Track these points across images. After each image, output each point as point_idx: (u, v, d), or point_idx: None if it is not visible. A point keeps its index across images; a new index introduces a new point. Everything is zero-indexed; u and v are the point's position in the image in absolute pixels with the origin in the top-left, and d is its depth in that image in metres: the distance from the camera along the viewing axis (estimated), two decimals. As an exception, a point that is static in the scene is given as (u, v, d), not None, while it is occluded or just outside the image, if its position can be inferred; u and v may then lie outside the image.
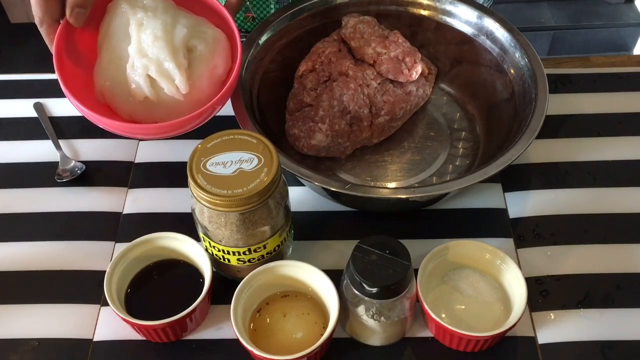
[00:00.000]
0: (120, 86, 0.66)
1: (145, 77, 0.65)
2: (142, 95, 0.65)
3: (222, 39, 0.69)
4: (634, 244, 0.69)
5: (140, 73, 0.64)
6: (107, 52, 0.66)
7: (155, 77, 0.64)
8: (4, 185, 0.76)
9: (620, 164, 0.77)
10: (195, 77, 0.66)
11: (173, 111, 0.65)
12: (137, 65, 0.65)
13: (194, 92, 0.66)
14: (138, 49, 0.64)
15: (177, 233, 0.65)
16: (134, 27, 0.65)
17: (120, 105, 0.67)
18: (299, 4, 0.81)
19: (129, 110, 0.66)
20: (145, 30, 0.64)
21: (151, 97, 0.65)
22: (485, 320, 0.62)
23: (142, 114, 0.66)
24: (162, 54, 0.64)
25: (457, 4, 0.80)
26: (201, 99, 0.65)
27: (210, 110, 0.65)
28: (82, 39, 0.69)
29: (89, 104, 0.64)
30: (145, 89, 0.65)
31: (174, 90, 0.65)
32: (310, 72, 0.78)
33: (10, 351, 0.63)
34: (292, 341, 0.60)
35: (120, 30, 0.66)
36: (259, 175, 0.57)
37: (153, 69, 0.64)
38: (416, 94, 0.79)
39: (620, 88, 0.84)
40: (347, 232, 0.71)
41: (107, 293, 0.61)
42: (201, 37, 0.67)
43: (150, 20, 0.65)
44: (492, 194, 0.74)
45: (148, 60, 0.64)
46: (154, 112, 0.66)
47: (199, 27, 0.68)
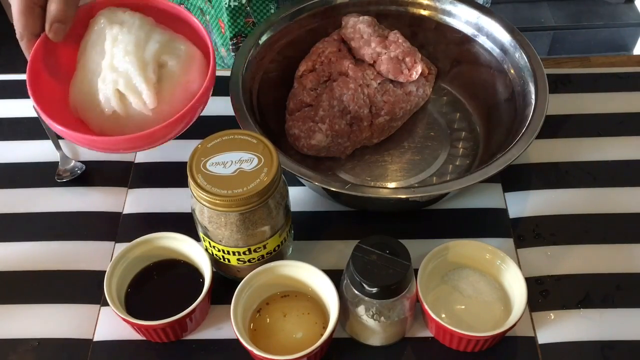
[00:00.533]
0: (91, 100, 0.66)
1: (115, 91, 0.65)
2: (111, 109, 0.66)
3: (196, 55, 0.69)
4: (634, 244, 0.69)
5: (110, 87, 0.65)
6: (83, 66, 0.67)
7: (124, 91, 0.65)
8: (4, 185, 0.76)
9: (620, 164, 0.77)
10: (165, 92, 0.66)
11: (143, 126, 0.65)
12: (108, 79, 0.65)
13: (165, 108, 0.66)
14: (110, 64, 0.65)
15: (177, 233, 0.65)
16: (109, 41, 0.66)
17: (91, 119, 0.67)
18: (299, 4, 0.81)
19: (100, 124, 0.67)
20: (119, 45, 0.65)
21: (119, 111, 0.66)
22: (485, 320, 0.62)
23: (112, 128, 0.67)
24: (131, 69, 0.65)
25: (457, 4, 0.80)
26: (173, 114, 0.65)
27: (178, 123, 0.65)
28: (64, 55, 0.69)
29: (62, 118, 0.65)
30: (113, 102, 0.65)
31: (142, 105, 0.65)
32: (310, 72, 0.78)
33: (10, 351, 0.63)
34: (292, 341, 0.61)
35: (98, 44, 0.67)
36: (259, 175, 0.57)
37: (122, 83, 0.65)
38: (416, 94, 0.79)
39: (620, 88, 0.84)
40: (347, 232, 0.71)
41: (107, 293, 0.61)
42: (174, 53, 0.68)
43: (124, 35, 0.66)
44: (492, 194, 0.74)
45: (117, 74, 0.65)
46: (123, 126, 0.66)
47: (172, 44, 0.69)
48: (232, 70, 0.74)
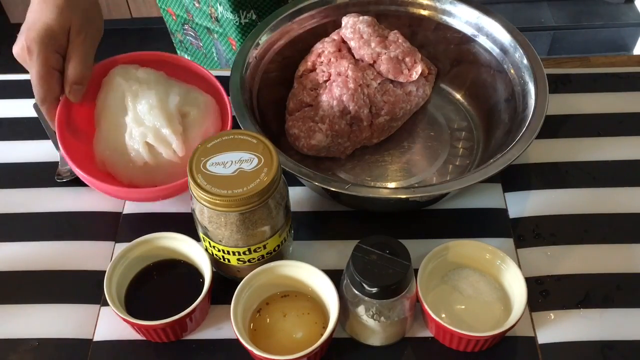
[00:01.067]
0: (119, 154, 0.70)
1: (144, 144, 0.69)
2: (141, 161, 0.69)
3: (212, 103, 0.74)
4: (634, 244, 0.69)
5: (139, 140, 0.69)
6: (106, 123, 0.71)
7: (153, 143, 0.69)
8: (4, 185, 0.76)
9: (620, 164, 0.77)
10: (190, 140, 0.70)
11: (171, 174, 0.69)
12: (135, 134, 0.69)
13: (189, 154, 0.67)
14: (135, 119, 0.69)
15: (177, 233, 0.65)
16: (130, 98, 0.69)
17: (120, 172, 0.71)
18: (299, 3, 0.81)
19: (129, 176, 0.70)
20: (141, 101, 0.69)
21: (150, 162, 0.69)
22: (485, 320, 0.62)
23: (141, 179, 0.70)
24: (158, 122, 0.69)
25: (457, 4, 0.80)
26: None
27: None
28: (80, 113, 0.73)
29: (91, 173, 0.68)
30: (144, 154, 0.69)
31: (172, 154, 0.70)
32: (310, 72, 0.78)
33: (10, 351, 0.63)
34: (292, 341, 0.61)
35: (117, 102, 0.70)
36: (259, 175, 0.57)
37: (151, 136, 0.69)
38: (416, 94, 0.79)
39: (620, 88, 0.84)
40: (347, 232, 0.71)
41: (107, 293, 0.61)
42: (194, 102, 0.73)
43: (144, 91, 0.70)
44: (492, 194, 0.74)
45: (145, 128, 0.69)
46: (153, 176, 0.70)
47: (190, 94, 0.73)
48: (232, 70, 0.74)
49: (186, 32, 1.00)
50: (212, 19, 0.92)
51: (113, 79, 0.72)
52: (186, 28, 0.99)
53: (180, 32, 1.02)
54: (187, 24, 0.98)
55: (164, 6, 0.98)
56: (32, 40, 0.66)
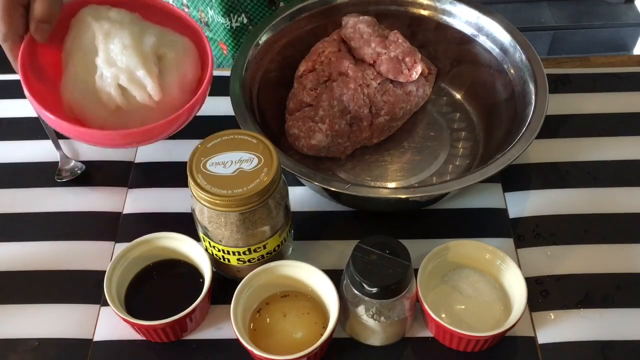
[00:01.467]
0: (89, 98, 0.65)
1: (116, 86, 0.64)
2: (113, 105, 0.65)
3: (191, 47, 0.69)
4: (634, 244, 0.69)
5: (110, 83, 0.64)
6: (74, 65, 0.66)
7: (127, 85, 0.64)
8: (4, 185, 0.76)
9: (620, 164, 0.77)
10: (166, 84, 0.66)
11: (145, 119, 0.64)
12: (107, 75, 0.64)
13: (166, 100, 0.65)
14: (106, 59, 0.64)
15: (177, 233, 0.65)
16: (101, 38, 0.64)
17: (90, 116, 0.66)
18: (298, 3, 0.81)
19: (101, 122, 0.66)
20: (113, 40, 0.64)
21: (123, 106, 0.65)
22: (485, 320, 0.62)
23: (114, 124, 0.65)
24: (132, 62, 0.64)
25: (457, 3, 0.80)
26: (173, 106, 0.65)
27: (185, 116, 0.65)
28: (46, 55, 0.68)
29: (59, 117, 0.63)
30: (117, 98, 0.64)
31: (147, 98, 0.65)
32: (310, 72, 0.78)
33: (10, 351, 0.63)
34: (292, 341, 0.61)
35: (86, 43, 0.65)
36: (259, 175, 0.57)
37: (124, 77, 0.64)
38: (416, 94, 0.79)
39: (620, 88, 0.84)
40: (347, 232, 0.71)
41: (107, 293, 0.61)
42: (171, 45, 0.67)
43: (117, 30, 0.64)
44: (492, 194, 0.74)
45: (117, 69, 0.64)
46: (126, 121, 0.65)
47: (167, 36, 0.68)
48: (232, 70, 0.74)
49: None
50: (202, 23, 0.92)
51: (83, 19, 0.66)
52: None
53: None
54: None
55: None
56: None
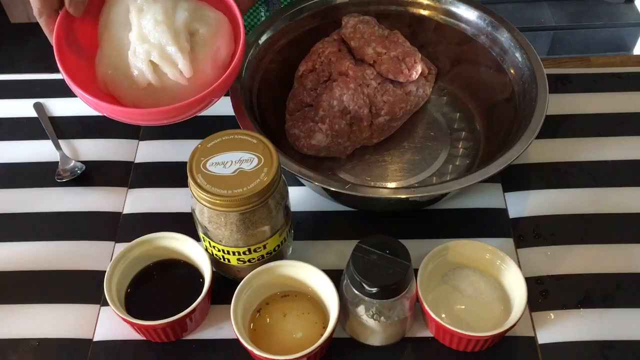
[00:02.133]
0: (122, 74, 0.65)
1: (148, 62, 0.63)
2: (145, 82, 0.64)
3: (224, 21, 0.68)
4: (634, 244, 0.69)
5: (143, 59, 0.63)
6: (108, 40, 0.66)
7: (158, 62, 0.63)
8: (4, 185, 0.76)
9: (620, 164, 0.77)
10: (198, 60, 0.65)
11: (178, 96, 0.64)
12: (139, 51, 0.63)
13: (198, 76, 0.65)
14: (139, 35, 0.63)
15: (177, 233, 0.65)
16: (134, 13, 0.64)
17: (123, 93, 0.66)
18: (299, 4, 0.81)
19: (133, 98, 0.65)
20: (146, 16, 0.63)
21: (154, 82, 0.64)
22: (485, 320, 0.62)
23: (146, 101, 0.65)
24: (163, 39, 0.63)
25: (457, 4, 0.80)
26: (206, 82, 0.64)
27: (214, 94, 0.64)
28: (82, 30, 0.68)
29: (92, 94, 0.63)
30: (148, 74, 0.64)
31: (178, 75, 0.64)
32: (310, 72, 0.78)
33: (10, 351, 0.63)
34: (292, 341, 0.61)
35: (120, 17, 0.65)
36: (259, 175, 0.57)
37: (155, 54, 0.63)
38: (416, 94, 0.79)
39: (620, 88, 0.84)
40: (347, 232, 0.71)
41: (107, 293, 0.61)
42: (203, 20, 0.66)
43: (150, 5, 0.64)
44: (492, 194, 0.74)
45: (150, 45, 0.63)
46: (158, 98, 0.65)
47: (200, 11, 0.67)
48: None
49: None
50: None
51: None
52: None
53: None
54: None
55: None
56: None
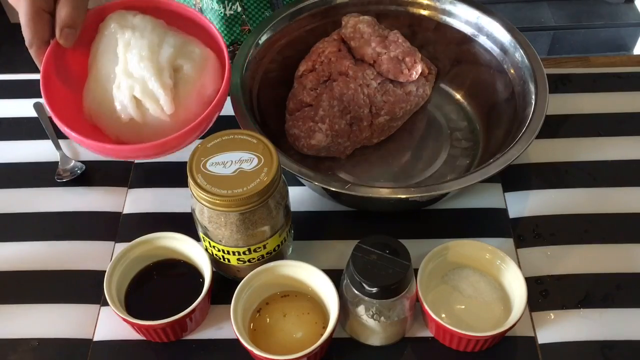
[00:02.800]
0: (107, 107, 0.65)
1: (131, 97, 0.64)
2: (127, 116, 0.64)
3: (210, 58, 0.68)
4: (634, 244, 0.69)
5: (126, 93, 0.64)
6: (96, 72, 0.66)
7: (140, 97, 0.64)
8: (4, 185, 0.76)
9: (620, 164, 0.77)
10: (181, 97, 0.65)
11: (160, 132, 0.64)
12: (123, 86, 0.64)
13: (181, 112, 0.65)
14: (124, 70, 0.64)
15: (177, 233, 0.65)
16: (122, 47, 0.64)
17: (107, 126, 0.66)
18: (299, 3, 0.81)
19: (116, 132, 0.66)
20: (132, 50, 0.64)
21: (136, 118, 0.64)
22: (485, 320, 0.62)
23: (129, 135, 0.65)
24: (147, 74, 0.63)
25: (457, 3, 0.80)
26: (189, 118, 0.64)
27: (194, 131, 0.63)
28: (73, 59, 0.68)
29: (77, 125, 0.63)
30: (130, 109, 0.64)
31: (159, 111, 0.64)
32: (310, 72, 0.78)
33: (10, 351, 0.63)
34: (292, 341, 0.61)
35: (109, 50, 0.65)
36: (259, 175, 0.57)
37: (138, 89, 0.63)
38: (416, 94, 0.79)
39: (620, 88, 0.84)
40: (347, 232, 0.71)
41: (107, 293, 0.61)
42: (189, 56, 0.66)
43: (137, 40, 0.64)
44: (492, 194, 0.74)
45: (133, 80, 0.63)
46: (141, 133, 0.65)
47: (186, 47, 0.67)
48: (232, 70, 0.74)
49: None
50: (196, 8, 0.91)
51: (108, 25, 0.66)
52: None
53: None
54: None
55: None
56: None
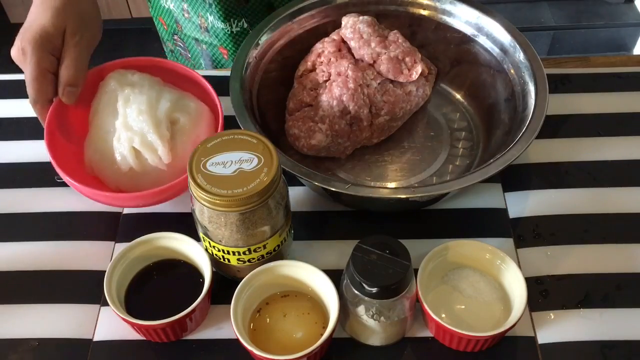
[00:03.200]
0: (107, 158, 0.70)
1: (130, 148, 0.68)
2: (127, 166, 0.69)
3: (204, 111, 0.73)
4: (633, 244, 0.69)
5: (126, 145, 0.68)
6: (96, 126, 0.71)
7: (139, 148, 0.68)
8: (4, 185, 0.76)
9: (620, 164, 0.77)
10: (178, 147, 0.70)
11: (158, 181, 0.68)
12: (123, 138, 0.69)
13: (178, 162, 0.69)
14: (124, 123, 0.69)
15: (177, 233, 0.65)
16: (121, 102, 0.69)
17: (107, 176, 0.71)
18: (298, 3, 0.81)
19: (116, 181, 0.70)
20: (131, 105, 0.69)
21: (136, 167, 0.69)
22: (485, 320, 0.62)
23: (128, 185, 0.70)
24: (145, 127, 0.68)
25: (457, 4, 0.80)
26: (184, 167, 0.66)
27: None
28: (75, 116, 0.74)
29: (78, 176, 0.68)
30: (130, 160, 0.69)
31: (157, 160, 0.69)
32: (310, 72, 0.78)
33: (10, 351, 0.63)
34: (292, 341, 0.61)
35: (109, 106, 0.71)
36: (259, 175, 0.57)
37: (137, 140, 0.68)
38: (416, 94, 0.79)
39: (620, 88, 0.84)
40: (347, 232, 0.71)
41: (107, 293, 0.61)
42: (184, 110, 0.72)
43: (136, 96, 0.69)
44: (492, 194, 0.74)
45: (133, 132, 0.68)
46: (139, 182, 0.69)
47: (182, 101, 0.73)
48: (232, 70, 0.74)
49: (176, 43, 1.01)
50: (202, 29, 0.93)
51: (108, 83, 0.72)
52: (175, 38, 1.00)
53: (170, 42, 1.02)
54: (177, 34, 0.98)
55: (155, 14, 0.99)
56: (27, 41, 0.66)
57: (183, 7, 0.92)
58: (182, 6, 0.92)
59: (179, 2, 0.92)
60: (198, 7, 0.90)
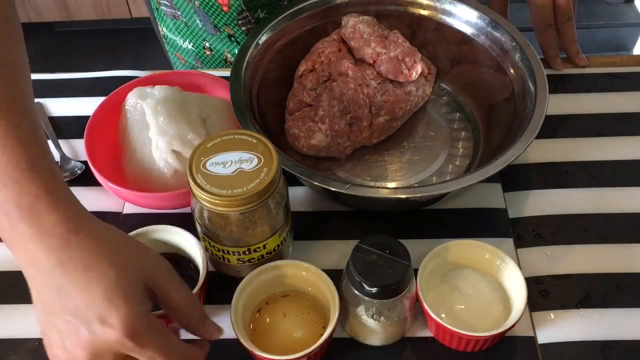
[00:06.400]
0: (149, 169, 0.71)
1: (171, 152, 0.70)
2: (172, 169, 0.70)
3: (228, 105, 0.74)
4: (634, 244, 0.69)
5: (165, 149, 0.70)
6: (131, 143, 0.72)
7: (179, 149, 0.70)
8: (4, 185, 0.76)
9: (620, 164, 0.77)
10: None
11: None
12: (161, 144, 0.70)
13: None
14: (159, 131, 0.70)
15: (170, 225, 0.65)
16: (150, 113, 0.71)
17: (153, 186, 0.71)
18: (299, 3, 0.81)
19: (163, 187, 0.71)
20: (162, 113, 0.71)
21: (180, 169, 0.70)
22: (485, 320, 0.62)
23: (175, 188, 0.70)
24: (182, 129, 0.70)
25: (457, 3, 0.80)
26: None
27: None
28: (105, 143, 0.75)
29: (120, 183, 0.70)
30: (172, 161, 0.70)
31: None
32: (310, 72, 0.78)
33: (10, 351, 0.63)
34: (292, 341, 0.61)
35: (137, 120, 0.72)
36: (259, 175, 0.57)
37: (176, 143, 0.70)
38: (416, 94, 0.79)
39: (619, 88, 0.84)
40: (347, 232, 0.71)
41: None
42: (211, 107, 0.75)
43: (163, 104, 0.71)
44: (492, 194, 0.74)
45: (170, 137, 0.70)
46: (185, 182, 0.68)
47: (207, 101, 0.76)
48: (232, 70, 0.74)
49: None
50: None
51: (130, 101, 0.73)
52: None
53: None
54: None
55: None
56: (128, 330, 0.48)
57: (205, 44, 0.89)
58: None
59: None
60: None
